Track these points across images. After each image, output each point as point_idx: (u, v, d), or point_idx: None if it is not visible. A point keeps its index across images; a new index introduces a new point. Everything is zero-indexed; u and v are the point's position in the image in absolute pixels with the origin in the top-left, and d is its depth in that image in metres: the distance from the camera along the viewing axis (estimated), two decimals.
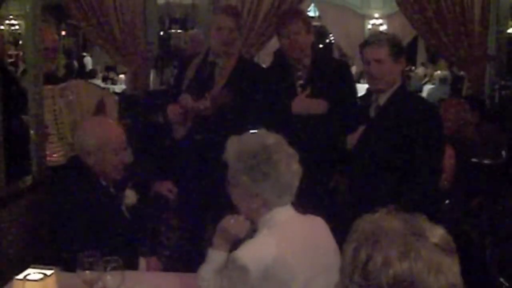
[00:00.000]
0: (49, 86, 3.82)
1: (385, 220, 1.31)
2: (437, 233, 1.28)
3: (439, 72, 12.14)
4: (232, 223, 2.20)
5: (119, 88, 10.55)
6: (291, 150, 2.15)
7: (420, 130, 3.04)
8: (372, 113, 3.27)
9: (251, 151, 2.11)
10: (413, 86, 11.81)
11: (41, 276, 2.09)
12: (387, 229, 1.27)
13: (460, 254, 1.33)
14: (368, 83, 3.44)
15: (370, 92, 3.65)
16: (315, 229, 2.18)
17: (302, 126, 3.67)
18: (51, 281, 2.11)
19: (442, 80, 10.89)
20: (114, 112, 4.07)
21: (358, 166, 3.24)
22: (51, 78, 3.94)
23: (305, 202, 2.23)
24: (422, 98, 5.14)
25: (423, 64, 14.91)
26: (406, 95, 3.29)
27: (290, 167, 2.10)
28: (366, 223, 1.33)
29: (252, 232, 2.15)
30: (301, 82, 3.79)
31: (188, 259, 3.90)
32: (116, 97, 4.23)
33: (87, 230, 2.71)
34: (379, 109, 3.22)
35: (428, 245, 1.24)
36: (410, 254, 1.22)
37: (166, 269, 2.98)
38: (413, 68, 14.43)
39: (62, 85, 3.95)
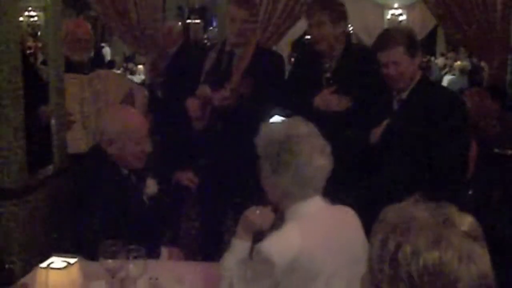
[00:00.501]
0: (78, 75, 3.89)
1: (412, 209, 1.28)
2: (466, 221, 1.26)
3: (459, 62, 12.02)
4: (256, 215, 2.18)
5: (138, 78, 10.57)
6: (319, 143, 2.08)
7: (446, 120, 3.00)
8: (395, 106, 3.22)
9: (274, 139, 2.08)
10: (433, 77, 11.70)
11: (64, 264, 2.10)
12: (415, 218, 1.25)
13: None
14: (388, 84, 3.24)
15: None
16: (344, 221, 2.14)
17: (324, 120, 3.59)
18: (74, 269, 2.12)
19: (462, 71, 10.79)
20: (143, 106, 4.08)
21: (383, 160, 3.20)
22: (80, 68, 4.02)
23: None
24: (445, 88, 5.06)
25: (442, 55, 14.78)
26: (428, 86, 3.24)
27: (312, 160, 2.03)
28: (393, 212, 1.31)
29: (279, 222, 2.12)
30: (327, 75, 3.66)
31: (206, 249, 3.92)
32: (146, 92, 4.23)
33: (108, 218, 2.71)
34: (402, 102, 3.18)
35: (458, 233, 1.22)
36: (440, 242, 1.20)
37: (187, 258, 2.98)
38: (432, 58, 14.30)
39: (91, 74, 3.99)
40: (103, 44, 14.68)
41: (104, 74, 4.10)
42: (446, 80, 11.40)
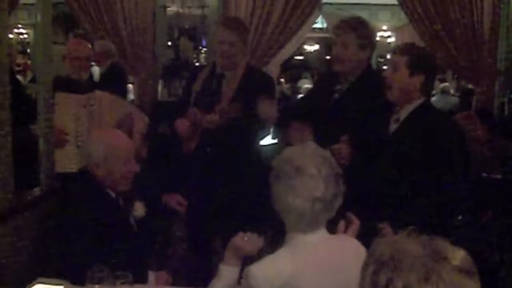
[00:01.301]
0: (74, 95, 3.90)
1: (404, 243, 1.27)
2: (458, 255, 1.25)
3: (445, 84, 12.08)
4: (244, 241, 2.16)
5: (127, 98, 10.52)
6: (297, 183, 1.97)
7: (444, 146, 2.98)
8: (392, 128, 3.21)
9: (275, 165, 2.06)
10: None
11: None
12: (407, 252, 1.24)
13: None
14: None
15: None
16: (343, 252, 2.08)
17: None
18: None
19: (443, 91, 10.85)
20: (141, 132, 4.07)
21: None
22: (77, 87, 4.08)
23: None
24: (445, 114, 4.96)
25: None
26: (429, 111, 3.17)
27: (286, 198, 1.98)
28: (385, 245, 1.29)
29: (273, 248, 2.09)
30: (336, 96, 3.56)
31: (196, 273, 3.88)
32: (146, 118, 4.23)
33: (95, 242, 2.67)
34: (399, 124, 3.17)
35: (449, 268, 1.21)
36: (431, 278, 1.19)
37: (175, 283, 2.94)
38: None
39: (88, 94, 3.99)
40: (92, 63, 14.63)
41: (100, 95, 4.09)
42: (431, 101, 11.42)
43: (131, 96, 7.87)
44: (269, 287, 1.92)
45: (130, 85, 11.39)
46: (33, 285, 2.13)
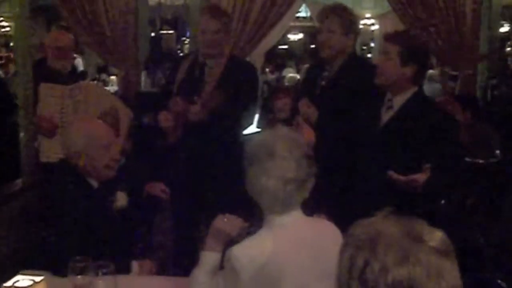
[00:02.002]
0: (58, 85, 3.93)
1: (381, 225, 1.27)
2: (435, 236, 1.25)
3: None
4: (224, 222, 2.17)
5: (111, 89, 10.47)
6: (270, 165, 2.00)
7: (437, 134, 2.97)
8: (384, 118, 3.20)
9: (247, 149, 2.08)
10: None
11: (30, 283, 2.05)
12: (384, 234, 1.24)
13: (456, 254, 1.30)
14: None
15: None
16: (321, 234, 2.11)
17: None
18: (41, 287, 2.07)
19: (430, 79, 10.89)
20: (126, 127, 4.07)
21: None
22: (60, 78, 4.09)
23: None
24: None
25: None
26: (421, 100, 3.16)
27: (257, 180, 2.01)
28: (362, 228, 1.29)
29: (253, 230, 2.11)
30: (323, 83, 3.59)
31: (181, 262, 3.88)
32: (131, 114, 4.23)
33: (78, 233, 2.67)
34: (394, 114, 3.16)
35: (427, 249, 1.21)
36: (408, 259, 1.19)
37: (159, 272, 2.94)
38: None
39: (72, 85, 3.99)
40: (75, 55, 14.53)
41: (86, 86, 4.12)
42: None
43: (114, 87, 7.85)
44: (252, 266, 1.94)
45: (113, 77, 11.38)
46: (15, 276, 2.12)
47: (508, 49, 12.00)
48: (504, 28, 11.71)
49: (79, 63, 13.73)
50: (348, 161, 3.28)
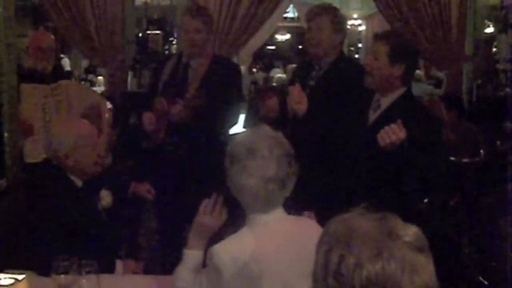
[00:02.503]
0: (40, 85, 3.96)
1: (356, 221, 1.28)
2: (409, 231, 1.26)
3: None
4: (206, 217, 2.18)
5: (98, 90, 10.44)
6: (252, 164, 2.00)
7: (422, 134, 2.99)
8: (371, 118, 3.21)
9: (228, 150, 2.09)
10: None
11: (11, 281, 2.05)
12: (359, 230, 1.25)
13: (438, 253, 1.32)
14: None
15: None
16: (303, 232, 2.10)
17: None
18: (22, 286, 2.07)
19: (416, 79, 10.95)
20: (107, 118, 4.08)
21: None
22: (41, 78, 4.10)
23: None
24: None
25: None
26: (407, 101, 3.18)
27: (238, 180, 2.02)
28: (337, 224, 1.30)
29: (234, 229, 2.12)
30: (311, 82, 3.60)
31: (167, 262, 3.88)
32: (111, 106, 4.26)
33: (62, 233, 2.66)
34: (381, 113, 3.17)
35: (401, 245, 1.22)
36: (382, 254, 1.20)
37: (145, 272, 2.94)
38: None
39: (53, 84, 3.99)
40: (62, 55, 14.48)
41: (66, 84, 4.13)
42: None
43: (102, 88, 7.84)
44: (234, 264, 1.95)
45: (100, 77, 11.35)
46: None
47: (494, 49, 12.07)
48: (490, 29, 11.78)
49: (66, 63, 13.69)
50: (335, 160, 3.29)
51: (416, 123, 2.99)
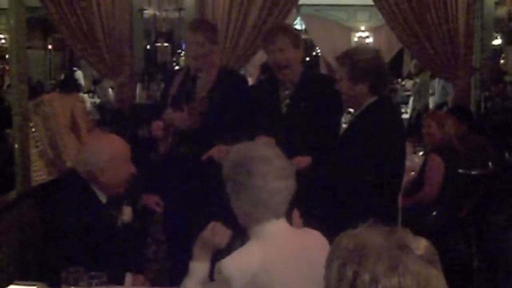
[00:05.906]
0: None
1: (367, 235, 1.28)
2: (421, 244, 1.26)
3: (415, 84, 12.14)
4: (212, 232, 2.18)
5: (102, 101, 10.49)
6: (276, 165, 2.06)
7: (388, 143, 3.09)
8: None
9: (234, 160, 2.10)
10: (398, 99, 11.83)
11: None
12: (371, 245, 1.25)
13: (447, 266, 1.32)
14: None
15: None
16: (308, 244, 2.12)
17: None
18: None
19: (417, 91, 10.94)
20: (83, 118, 4.07)
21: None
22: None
23: None
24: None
25: (410, 77, 14.95)
26: (378, 107, 3.26)
27: (267, 183, 2.02)
28: (348, 239, 1.30)
29: (241, 242, 2.12)
30: (287, 101, 3.67)
31: (175, 274, 3.87)
32: (85, 104, 4.26)
33: (78, 246, 2.65)
34: (352, 122, 3.32)
35: (414, 258, 1.22)
36: (397, 268, 1.20)
37: (153, 284, 2.94)
38: (399, 80, 14.46)
39: (36, 100, 3.96)
40: (75, 68, 14.55)
41: (48, 99, 4.08)
42: (410, 100, 11.52)
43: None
44: (243, 278, 1.95)
45: (110, 89, 11.42)
46: (7, 286, 2.13)
47: (502, 61, 12.07)
48: (497, 41, 11.78)
49: (79, 75, 13.74)
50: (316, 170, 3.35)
51: (380, 131, 3.09)
